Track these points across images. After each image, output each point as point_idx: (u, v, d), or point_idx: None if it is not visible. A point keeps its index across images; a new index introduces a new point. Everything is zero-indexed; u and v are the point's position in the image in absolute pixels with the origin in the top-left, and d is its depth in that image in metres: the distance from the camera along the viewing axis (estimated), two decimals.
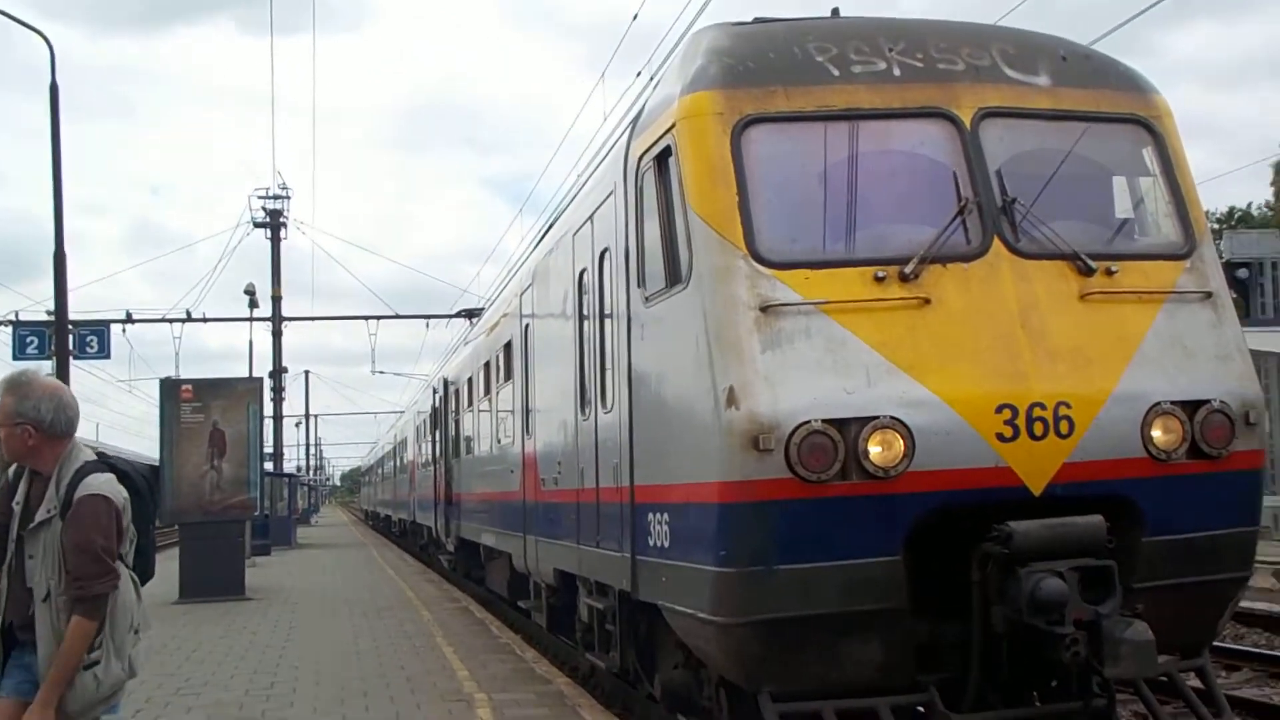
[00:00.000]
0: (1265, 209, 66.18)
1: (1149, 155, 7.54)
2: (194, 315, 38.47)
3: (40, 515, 4.89)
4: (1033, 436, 6.36)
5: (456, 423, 21.21)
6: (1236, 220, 64.75)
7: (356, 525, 75.21)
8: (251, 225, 42.11)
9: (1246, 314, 31.26)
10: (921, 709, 6.65)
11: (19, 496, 5.03)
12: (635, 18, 16.69)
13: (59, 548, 4.82)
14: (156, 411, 21.08)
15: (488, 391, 16.61)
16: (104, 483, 4.93)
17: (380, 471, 58.68)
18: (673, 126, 7.20)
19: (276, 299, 42.37)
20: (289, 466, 55.49)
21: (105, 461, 5.07)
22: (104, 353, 33.72)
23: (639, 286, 7.78)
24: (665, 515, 7.25)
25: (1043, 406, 6.38)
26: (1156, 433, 6.62)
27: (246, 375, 35.37)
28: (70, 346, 26.22)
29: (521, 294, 13.26)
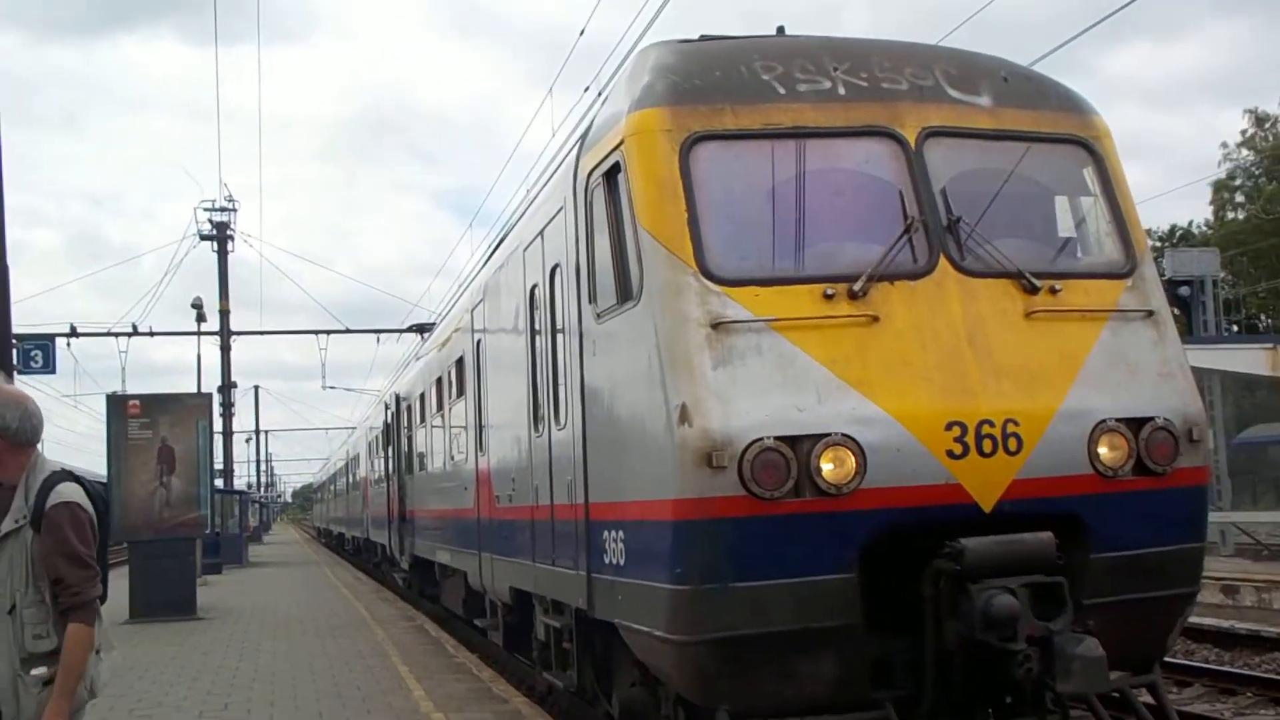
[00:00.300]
0: (1205, 227, 67.41)
1: (1089, 175, 7.65)
2: (140, 329, 38.13)
3: (6, 526, 4.81)
4: (982, 453, 6.42)
5: (409, 439, 21.10)
6: (1178, 239, 65.87)
7: (309, 543, 74.57)
8: (198, 238, 41.72)
9: (1189, 331, 31.66)
10: None
11: None
12: (582, 33, 16.75)
13: (27, 559, 4.75)
14: (102, 427, 20.84)
15: (440, 407, 16.54)
16: (75, 491, 4.88)
17: (333, 488, 58.21)
18: (621, 143, 7.22)
19: (224, 313, 41.95)
20: (239, 483, 54.96)
21: (70, 474, 5.02)
22: (49, 367, 33.32)
23: (590, 303, 7.78)
24: (620, 533, 7.25)
25: (991, 424, 6.44)
26: (1102, 450, 6.70)
27: (195, 390, 35.08)
28: (14, 361, 25.84)
29: (473, 309, 13.23)
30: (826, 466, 6.29)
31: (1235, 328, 53.14)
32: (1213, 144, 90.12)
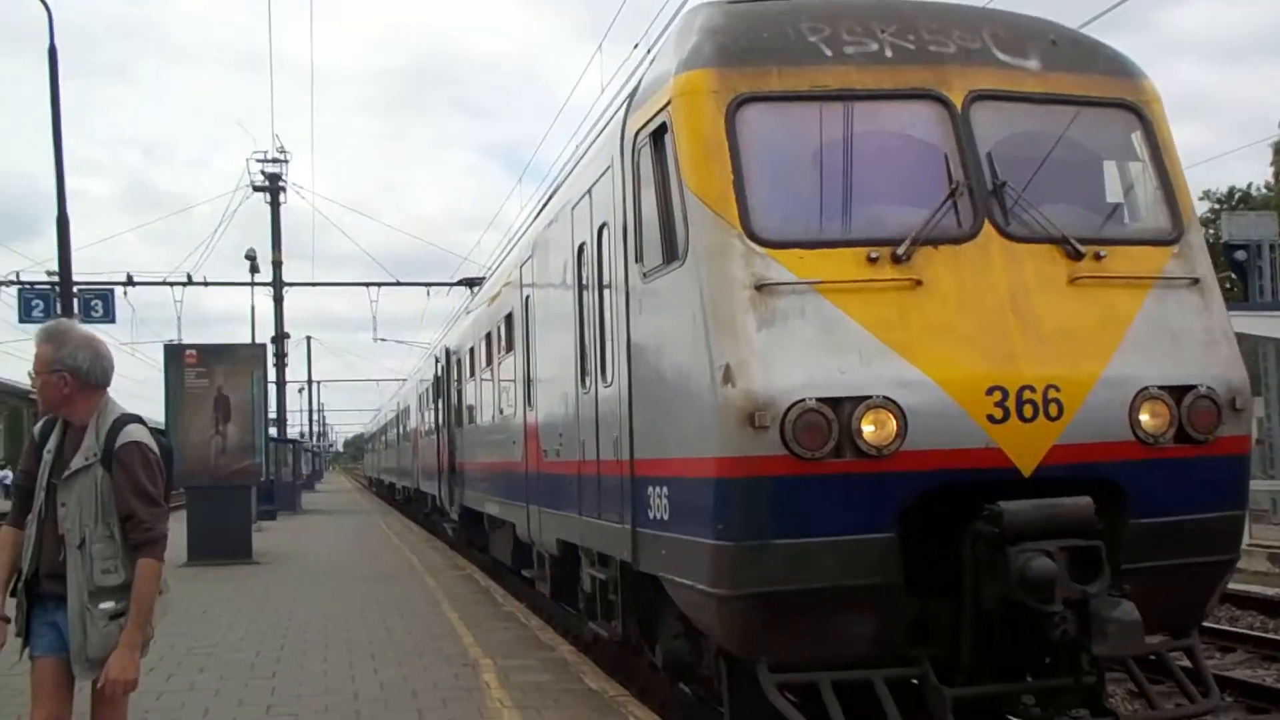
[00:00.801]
0: (1265, 190, 65.98)
1: (1138, 140, 7.60)
2: (194, 279, 38.62)
3: (77, 463, 5.00)
4: (1022, 418, 6.47)
5: (459, 392, 21.34)
6: (1237, 201, 64.50)
7: (360, 492, 75.56)
8: (250, 189, 41.97)
9: (1245, 297, 31.09)
10: (915, 682, 6.76)
11: (50, 445, 5.14)
12: None
13: (98, 495, 4.95)
14: (157, 375, 21.32)
15: (489, 362, 16.73)
16: (144, 433, 5.09)
17: (384, 439, 58.88)
18: (668, 104, 7.27)
19: (277, 264, 42.29)
20: (293, 433, 55.73)
21: (138, 417, 5.24)
22: (109, 317, 33.90)
23: (637, 262, 7.88)
24: (664, 489, 7.38)
25: (1032, 389, 6.49)
26: (1144, 417, 6.72)
27: (249, 341, 35.58)
28: (75, 310, 26.38)
29: (522, 265, 13.35)
30: (867, 428, 6.37)
31: None
32: (1277, 104, 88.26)
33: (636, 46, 16.18)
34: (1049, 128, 7.33)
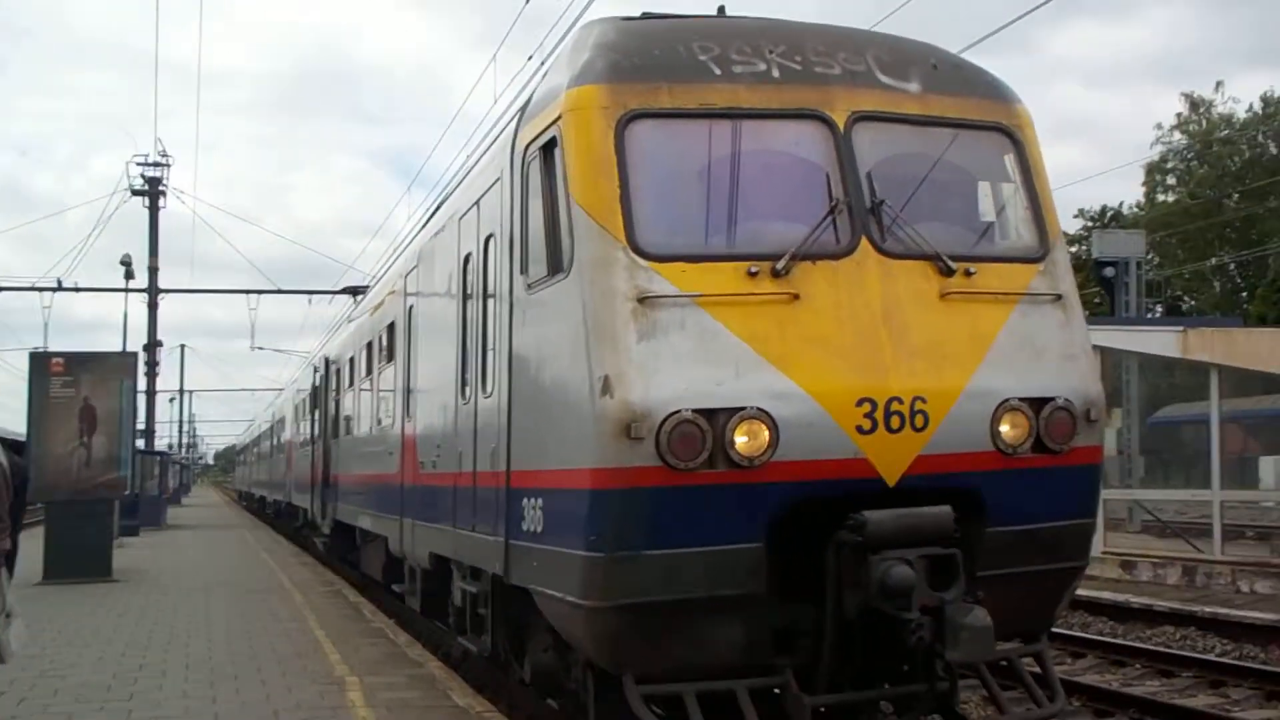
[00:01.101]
0: (1136, 209, 68.63)
1: (1010, 162, 7.86)
2: (65, 285, 37.41)
3: None
4: (889, 430, 6.62)
5: (337, 402, 21.00)
6: (1109, 219, 67.01)
7: (230, 506, 73.84)
8: (129, 193, 40.91)
9: (1111, 312, 32.18)
10: (777, 690, 6.86)
11: None
12: (527, 2, 16.70)
13: None
14: (21, 383, 20.52)
15: (369, 371, 16.51)
16: None
17: (256, 451, 57.63)
18: (559, 118, 7.30)
19: (153, 270, 41.19)
20: (161, 444, 54.17)
21: None
22: None
23: (522, 273, 7.87)
24: (539, 500, 7.36)
25: (900, 401, 6.64)
26: (1004, 428, 6.94)
27: (120, 349, 34.48)
28: None
29: (407, 274, 13.23)
30: (740, 439, 6.44)
31: (1159, 309, 54.29)
32: (1150, 126, 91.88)
33: (530, 58, 16.18)
34: (927, 149, 7.54)
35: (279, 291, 41.13)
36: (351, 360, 18.81)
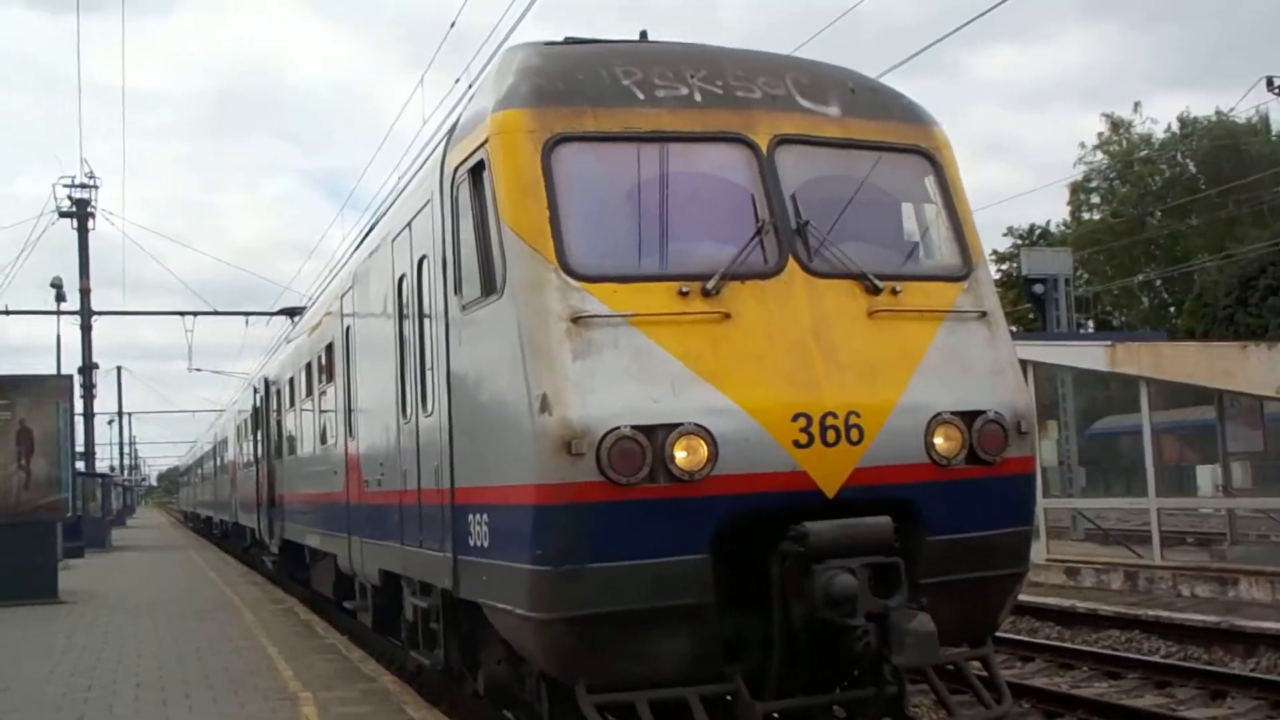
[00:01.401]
0: (1064, 227, 69.82)
1: (930, 184, 8.09)
2: None
3: None
4: (826, 443, 6.81)
5: (279, 423, 20.93)
6: (1037, 238, 68.17)
7: (175, 527, 72.83)
8: (56, 215, 40.39)
9: (1042, 327, 32.83)
10: (729, 698, 7.00)
11: None
12: (453, 25, 16.86)
13: None
14: None
15: (310, 392, 16.48)
16: None
17: (200, 471, 56.95)
18: (486, 141, 7.43)
19: (85, 292, 40.75)
20: (103, 466, 53.51)
21: None
22: None
23: (456, 294, 7.98)
24: (485, 516, 7.48)
25: (834, 415, 6.84)
26: (938, 440, 7.15)
27: (55, 371, 34.08)
28: None
29: (343, 295, 13.26)
30: (680, 454, 6.60)
31: (1091, 324, 55.30)
32: (1072, 146, 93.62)
33: (458, 81, 16.32)
34: (849, 171, 7.76)
35: (215, 313, 40.88)
36: (291, 381, 18.77)
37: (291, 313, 31.10)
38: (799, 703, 7.08)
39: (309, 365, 16.49)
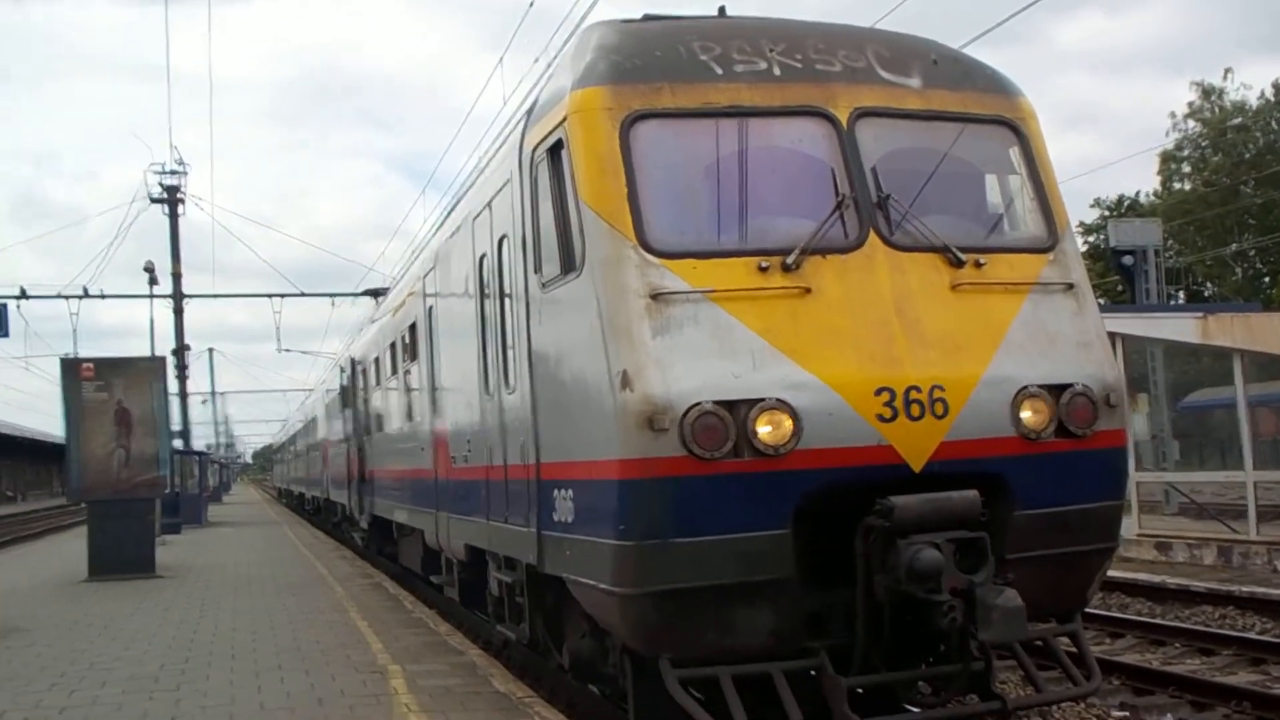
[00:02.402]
0: (1153, 197, 68.17)
1: (1015, 155, 7.96)
2: (90, 292, 37.82)
3: None
4: (910, 417, 6.76)
5: (366, 401, 21.28)
6: (1126, 208, 66.62)
7: (269, 503, 74.43)
8: (148, 201, 41.16)
9: (1131, 300, 32.21)
10: (813, 673, 7.01)
11: None
12: (531, 4, 16.87)
13: None
14: (52, 389, 20.94)
15: (395, 370, 16.73)
16: None
17: (292, 449, 58.16)
18: (564, 120, 7.45)
19: (177, 276, 41.53)
20: (200, 445, 54.80)
21: None
22: (2, 331, 32.97)
23: (536, 272, 8.04)
24: (569, 491, 7.54)
25: (919, 389, 6.78)
26: (1025, 414, 7.06)
27: (148, 353, 34.90)
28: None
29: (425, 276, 13.43)
30: (763, 429, 6.60)
31: (1182, 296, 54.03)
32: (1162, 115, 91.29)
33: (537, 60, 16.37)
34: (931, 143, 7.66)
35: (302, 295, 41.31)
36: (377, 360, 19.07)
37: (376, 293, 31.49)
38: (883, 678, 7.05)
39: (394, 344, 16.73)
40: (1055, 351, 7.31)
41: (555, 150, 7.64)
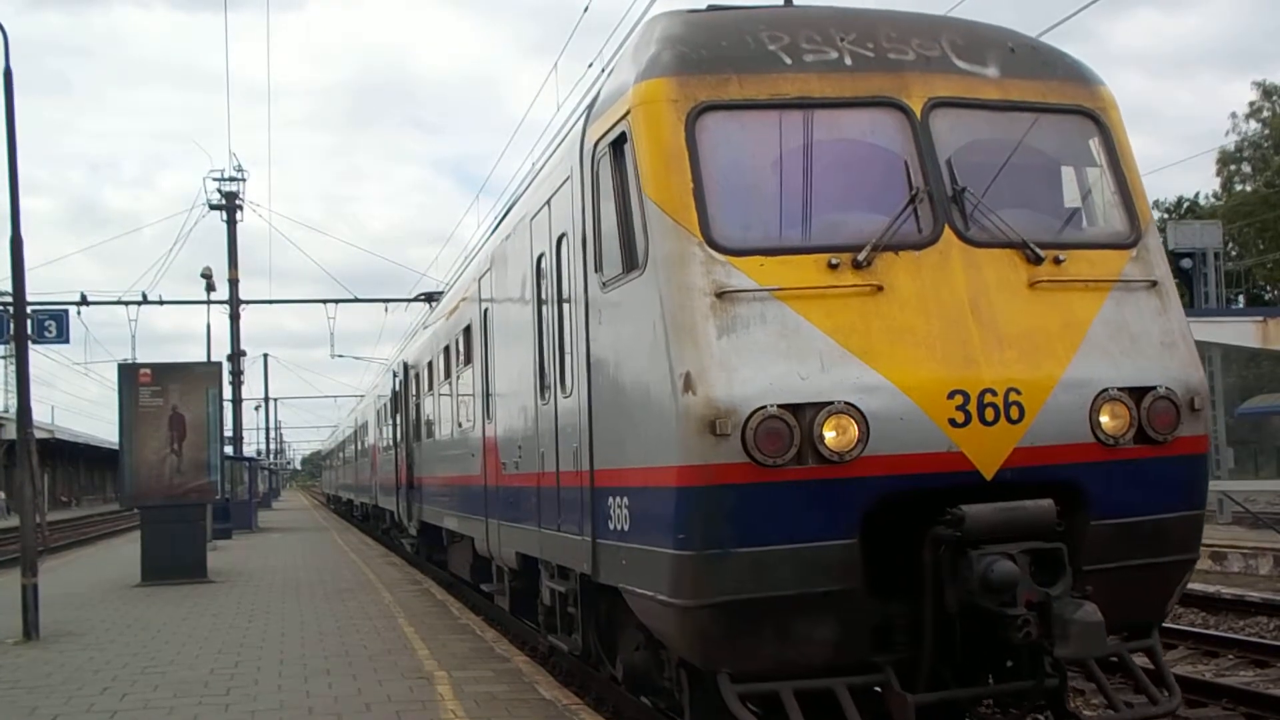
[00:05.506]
0: (1213, 199, 67.06)
1: (1095, 146, 7.67)
2: (149, 298, 38.22)
3: None
4: (984, 422, 6.49)
5: (417, 406, 21.25)
6: (1185, 210, 65.64)
7: (318, 509, 74.96)
8: (207, 207, 41.63)
9: (1190, 304, 31.79)
10: (878, 689, 6.75)
11: None
12: (586, 9, 16.74)
13: None
14: (111, 394, 21.10)
15: (448, 375, 16.65)
16: None
17: (342, 455, 58.48)
18: (628, 113, 7.26)
19: (234, 282, 41.91)
20: (249, 450, 55.22)
21: None
22: (63, 337, 33.17)
23: (596, 272, 7.84)
24: (625, 499, 7.34)
25: (993, 392, 6.51)
26: (1104, 418, 6.77)
27: (204, 359, 35.19)
28: (29, 331, 25.94)
29: (480, 278, 13.31)
30: (829, 434, 6.36)
31: (1241, 300, 53.11)
32: (1220, 115, 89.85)
33: (591, 65, 16.21)
34: (1008, 134, 7.39)
35: (356, 300, 41.73)
36: (430, 365, 19.01)
37: (429, 298, 31.55)
38: (954, 694, 6.79)
39: (447, 349, 16.64)
40: (1138, 352, 7.01)
41: (618, 144, 7.44)
